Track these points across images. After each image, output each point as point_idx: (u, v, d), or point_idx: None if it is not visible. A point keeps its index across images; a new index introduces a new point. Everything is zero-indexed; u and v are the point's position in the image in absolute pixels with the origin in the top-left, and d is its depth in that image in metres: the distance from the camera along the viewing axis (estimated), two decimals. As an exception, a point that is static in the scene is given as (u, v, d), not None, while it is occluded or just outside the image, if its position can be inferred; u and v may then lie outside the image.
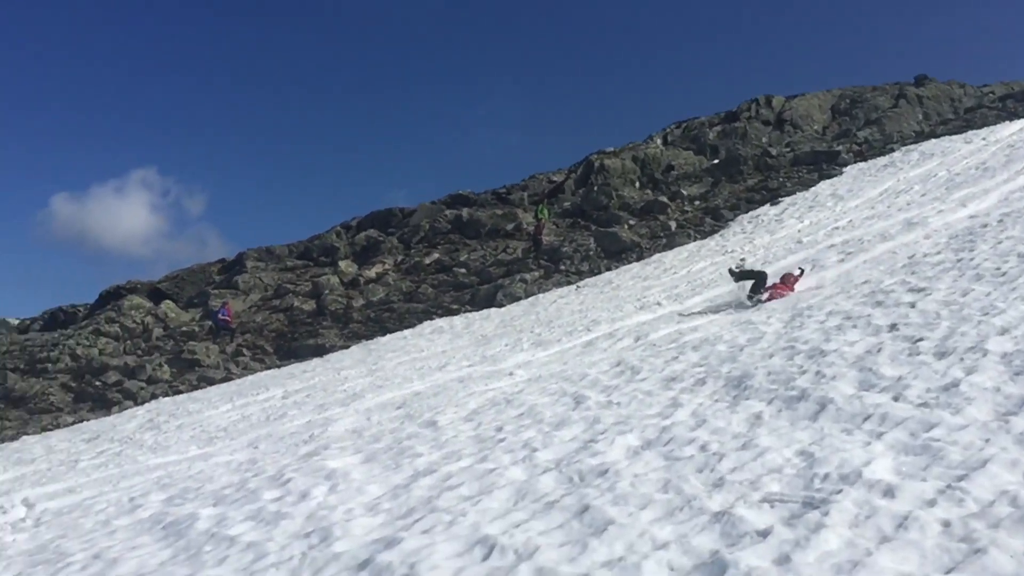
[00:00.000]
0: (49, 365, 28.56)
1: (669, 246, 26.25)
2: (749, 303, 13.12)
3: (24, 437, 20.51)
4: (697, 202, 32.15)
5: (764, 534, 3.98)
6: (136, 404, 23.17)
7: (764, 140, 38.58)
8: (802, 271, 13.83)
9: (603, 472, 5.52)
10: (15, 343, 34.76)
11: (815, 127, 40.53)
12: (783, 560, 3.70)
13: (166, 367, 26.52)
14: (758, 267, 15.55)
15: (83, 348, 29.57)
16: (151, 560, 5.77)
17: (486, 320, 21.66)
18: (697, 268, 19.96)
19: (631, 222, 30.68)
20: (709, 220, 28.64)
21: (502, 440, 7.23)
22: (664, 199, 32.35)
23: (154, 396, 23.81)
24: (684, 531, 4.23)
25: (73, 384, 26.83)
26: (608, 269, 25.93)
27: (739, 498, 4.55)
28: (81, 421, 22.02)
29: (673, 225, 29.03)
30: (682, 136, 40.87)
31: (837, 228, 19.43)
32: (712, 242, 24.41)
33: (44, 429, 22.10)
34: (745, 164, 34.83)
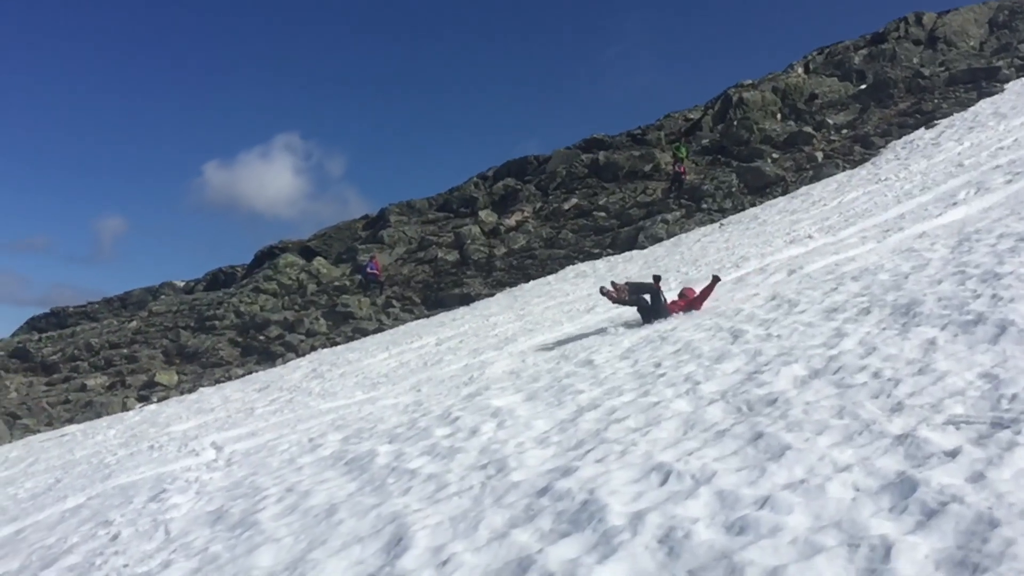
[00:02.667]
0: (216, 322, 30.41)
1: (816, 178, 25.30)
2: (650, 323, 10.85)
3: (201, 389, 22.01)
4: (844, 131, 30.75)
5: (953, 454, 3.90)
6: (298, 356, 24.43)
7: (915, 61, 36.38)
8: (716, 279, 11.17)
9: (772, 401, 5.50)
10: (184, 303, 37.16)
11: (971, 43, 37.87)
12: (977, 477, 3.62)
13: (322, 320, 27.76)
14: (645, 279, 13.14)
15: (245, 305, 31.29)
16: (339, 492, 6.16)
17: (629, 262, 21.61)
18: (849, 199, 19.21)
19: (774, 155, 29.72)
20: (859, 148, 27.38)
21: (662, 375, 7.27)
22: (809, 130, 31.13)
23: (313, 348, 25.03)
24: (866, 454, 4.19)
25: (239, 339, 28.50)
26: (752, 205, 25.30)
27: (921, 421, 4.45)
28: (250, 373, 23.42)
29: (819, 156, 27.96)
30: (825, 62, 39.03)
31: (1001, 148, 18.24)
32: (863, 171, 23.37)
33: (217, 381, 23.63)
34: (895, 87, 33.01)
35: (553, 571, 3.72)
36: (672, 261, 18.74)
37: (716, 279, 11.21)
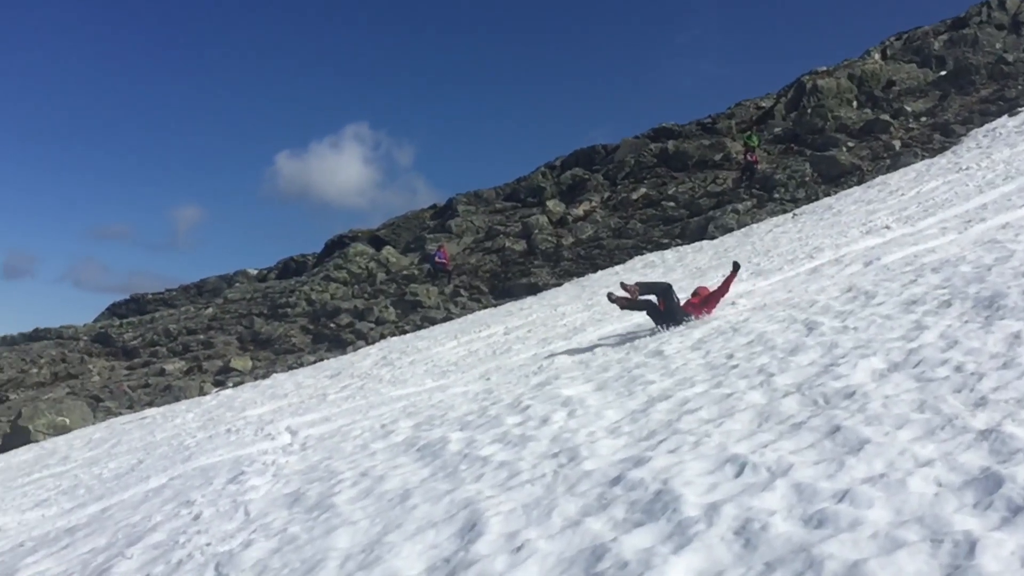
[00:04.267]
0: (288, 310, 31.05)
1: (893, 167, 24.68)
2: (663, 329, 10.41)
3: (274, 375, 22.50)
4: (923, 118, 29.92)
5: (1041, 451, 3.80)
6: (368, 343, 24.79)
7: (998, 46, 35.18)
8: (736, 267, 10.79)
9: (849, 394, 5.42)
10: (257, 291, 38.01)
11: (1059, 27, 36.48)
12: (1068, 476, 3.53)
13: (391, 309, 28.12)
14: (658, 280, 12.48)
15: (316, 293, 31.87)
16: (413, 477, 6.26)
17: (699, 252, 21.39)
18: (928, 188, 18.69)
19: (849, 144, 29.08)
20: (938, 136, 26.64)
21: (735, 366, 7.20)
22: (886, 117, 30.38)
23: (383, 336, 25.38)
24: (948, 449, 4.10)
25: (310, 326, 29.05)
26: (827, 195, 24.80)
27: (1006, 416, 4.34)
28: (321, 360, 23.86)
29: (897, 144, 27.27)
30: (903, 48, 38.01)
31: (1092, 136, 17.54)
32: (943, 160, 22.71)
33: (290, 367, 24.13)
34: (977, 74, 31.99)
35: (628, 560, 3.74)
36: (743, 251, 18.48)
37: (736, 266, 10.87)
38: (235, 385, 23.21)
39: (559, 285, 25.06)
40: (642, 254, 24.94)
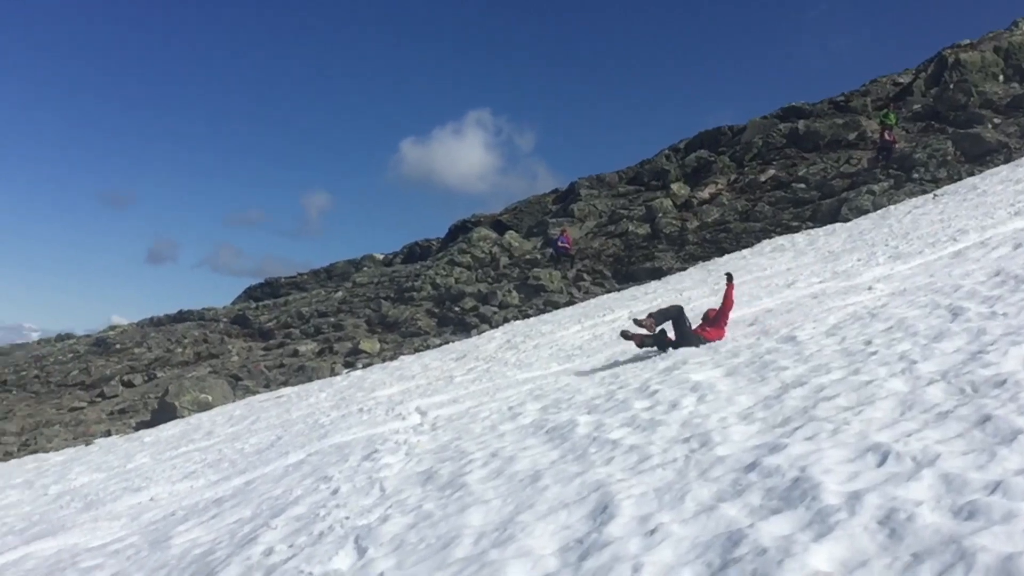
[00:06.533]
0: (414, 293, 31.73)
1: (1044, 144, 23.21)
2: (667, 350, 10.25)
3: (401, 357, 23.08)
4: (1078, 91, 27.97)
5: None
6: (492, 327, 25.11)
7: None
8: (730, 278, 10.77)
9: (1000, 383, 5.15)
10: (384, 275, 38.99)
11: None
12: None
13: (514, 293, 28.37)
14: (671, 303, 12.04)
15: (441, 277, 32.43)
16: (543, 459, 6.33)
17: (831, 235, 20.68)
18: (1084, 166, 17.50)
19: (995, 120, 27.50)
20: (1095, 111, 24.88)
21: (873, 353, 6.95)
22: (1036, 91, 28.54)
23: (506, 320, 25.64)
24: (1113, 442, 3.87)
25: (436, 310, 29.62)
26: (970, 174, 23.55)
27: None
28: (446, 343, 24.32)
29: (1048, 120, 25.61)
30: (1056, 17, 35.55)
31: None
32: (1101, 135, 21.20)
33: (416, 350, 24.71)
34: None
35: (766, 547, 3.68)
36: (879, 234, 17.78)
37: (730, 277, 10.69)
38: (364, 366, 23.95)
39: (684, 269, 24.73)
40: (770, 237, 24.31)
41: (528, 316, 25.02)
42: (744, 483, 4.55)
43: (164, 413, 22.96)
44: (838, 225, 22.56)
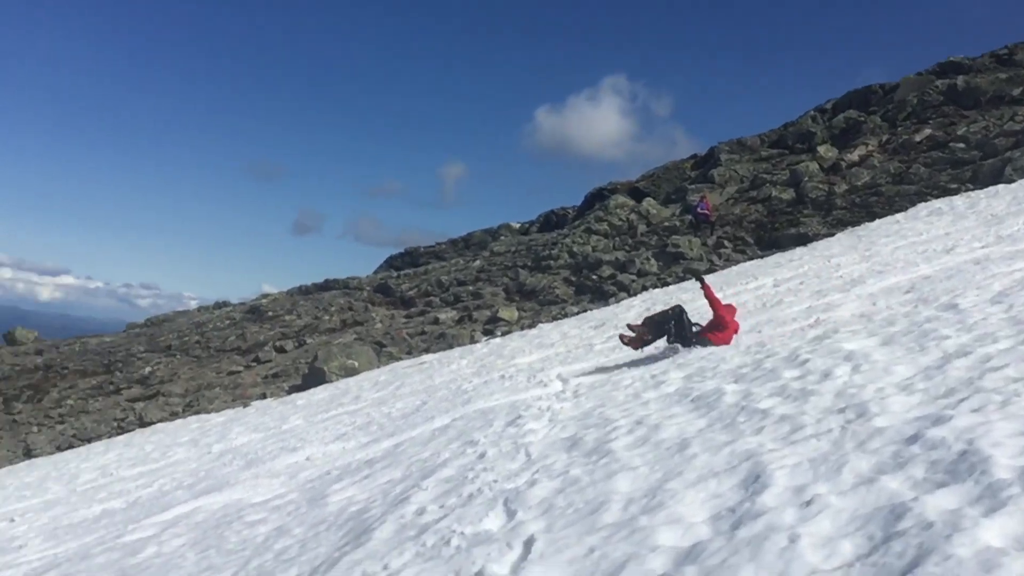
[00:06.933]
0: (551, 262, 31.87)
1: None
2: (679, 347, 10.38)
3: (540, 325, 23.26)
4: None
5: None
6: (629, 295, 24.96)
7: None
8: (700, 280, 10.96)
9: None
10: (521, 244, 39.31)
11: None
12: None
13: (653, 261, 28.08)
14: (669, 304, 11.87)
15: (578, 246, 32.42)
16: (689, 428, 6.27)
17: (994, 198, 19.45)
18: None
19: None
20: None
21: (1046, 321, 6.53)
22: None
23: (644, 288, 25.43)
24: None
25: (573, 278, 29.68)
26: None
27: None
28: (584, 311, 24.35)
29: None
30: None
31: None
32: None
33: (554, 318, 24.84)
34: None
35: (932, 520, 3.53)
36: (1048, 196, 16.62)
37: (700, 279, 10.75)
38: (503, 334, 24.28)
39: (831, 235, 23.81)
40: (926, 200, 23.08)
41: (667, 284, 24.73)
42: (906, 455, 4.37)
43: (314, 377, 24.03)
44: (1001, 187, 21.19)
